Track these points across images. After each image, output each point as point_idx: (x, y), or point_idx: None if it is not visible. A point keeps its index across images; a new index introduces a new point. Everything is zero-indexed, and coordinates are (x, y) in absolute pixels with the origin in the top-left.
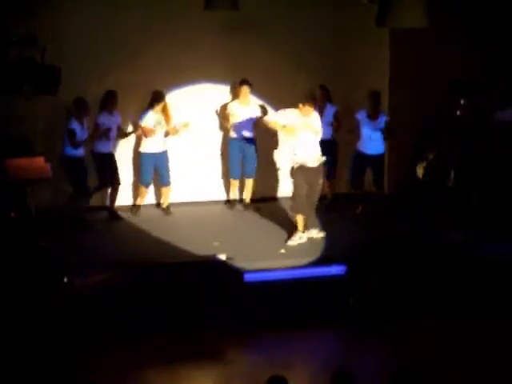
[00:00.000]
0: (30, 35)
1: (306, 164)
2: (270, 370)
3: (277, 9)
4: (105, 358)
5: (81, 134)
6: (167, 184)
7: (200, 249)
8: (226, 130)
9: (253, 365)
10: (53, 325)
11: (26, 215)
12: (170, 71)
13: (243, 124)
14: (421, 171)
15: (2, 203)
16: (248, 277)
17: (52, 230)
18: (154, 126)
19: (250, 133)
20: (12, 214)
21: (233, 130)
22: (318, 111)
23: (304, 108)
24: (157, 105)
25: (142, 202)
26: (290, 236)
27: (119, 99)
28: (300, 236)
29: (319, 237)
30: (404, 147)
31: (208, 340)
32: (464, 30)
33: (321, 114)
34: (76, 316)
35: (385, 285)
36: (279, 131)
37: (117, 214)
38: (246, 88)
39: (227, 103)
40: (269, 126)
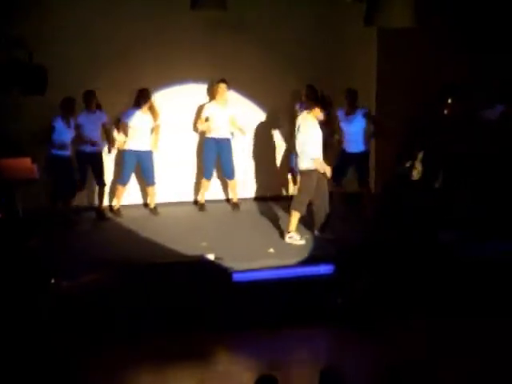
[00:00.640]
0: (18, 36)
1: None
2: (259, 370)
3: (264, 8)
4: (92, 359)
5: (65, 133)
6: (152, 184)
7: (188, 249)
8: (201, 130)
9: (242, 364)
10: (43, 326)
11: (13, 215)
12: (157, 71)
13: (219, 124)
14: (415, 172)
15: None
16: (236, 276)
17: (40, 230)
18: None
19: (227, 133)
20: None
21: (207, 130)
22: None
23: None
24: (144, 103)
25: (120, 202)
26: (288, 233)
27: (109, 98)
28: (293, 235)
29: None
30: (391, 147)
31: (196, 340)
32: (451, 30)
33: None
34: (65, 317)
35: (373, 284)
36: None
37: (104, 214)
38: (223, 87)
39: (204, 104)
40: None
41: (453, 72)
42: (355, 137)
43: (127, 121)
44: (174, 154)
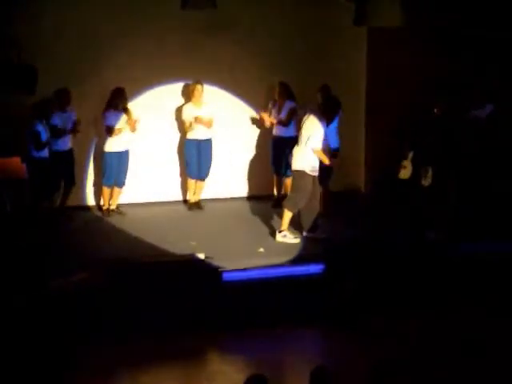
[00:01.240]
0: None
1: (314, 172)
2: (248, 370)
3: (254, 8)
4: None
5: (44, 135)
6: (122, 185)
7: (177, 248)
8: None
9: (231, 364)
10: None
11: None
12: (144, 70)
13: (198, 125)
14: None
15: None
16: (226, 276)
17: (29, 229)
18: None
19: (206, 134)
20: None
21: (188, 131)
22: (277, 108)
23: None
24: (120, 103)
25: (108, 203)
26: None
27: (97, 99)
28: (286, 234)
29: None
30: (381, 146)
31: (186, 339)
32: (441, 29)
33: (279, 111)
34: (57, 316)
35: (363, 283)
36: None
37: (65, 212)
38: (199, 88)
39: (181, 106)
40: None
41: (443, 71)
42: (330, 134)
43: (112, 123)
44: (162, 153)
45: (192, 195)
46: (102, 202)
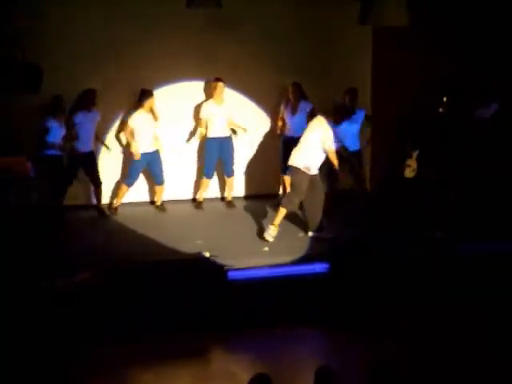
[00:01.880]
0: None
1: (309, 171)
2: (253, 369)
3: (259, 6)
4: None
5: (58, 132)
6: (161, 183)
7: (183, 247)
8: (202, 130)
9: (236, 363)
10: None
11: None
12: (153, 70)
13: (219, 123)
14: (409, 171)
15: None
16: (231, 275)
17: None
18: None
19: (227, 131)
20: None
21: (209, 129)
22: (291, 109)
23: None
24: (146, 103)
25: (120, 201)
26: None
27: (102, 98)
28: (272, 228)
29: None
30: (387, 145)
31: (191, 338)
32: (446, 28)
33: (294, 112)
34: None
35: (368, 282)
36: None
37: (104, 211)
38: (221, 86)
39: (202, 102)
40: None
41: (448, 71)
42: (354, 136)
43: (132, 122)
44: (170, 152)
45: (201, 194)
46: (114, 200)
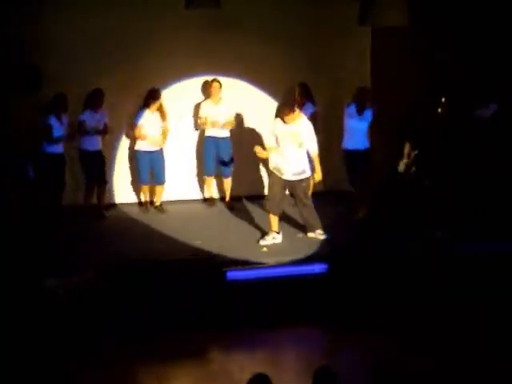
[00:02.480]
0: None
1: (280, 173)
2: (253, 369)
3: (258, 6)
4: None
5: (58, 130)
6: (162, 183)
7: (182, 247)
8: (201, 129)
9: (236, 363)
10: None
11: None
12: (155, 70)
13: (215, 122)
14: (403, 166)
15: None
16: (230, 275)
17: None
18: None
19: (223, 132)
20: None
21: (207, 128)
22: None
23: (286, 116)
24: (153, 103)
25: (147, 198)
26: (264, 235)
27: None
28: (273, 236)
29: (319, 237)
30: (387, 147)
31: (191, 339)
32: (445, 29)
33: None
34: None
35: (368, 282)
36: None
37: (104, 212)
38: (216, 86)
39: (199, 103)
40: (263, 157)
41: (447, 71)
42: (362, 134)
43: (140, 122)
44: (172, 152)
45: (210, 191)
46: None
